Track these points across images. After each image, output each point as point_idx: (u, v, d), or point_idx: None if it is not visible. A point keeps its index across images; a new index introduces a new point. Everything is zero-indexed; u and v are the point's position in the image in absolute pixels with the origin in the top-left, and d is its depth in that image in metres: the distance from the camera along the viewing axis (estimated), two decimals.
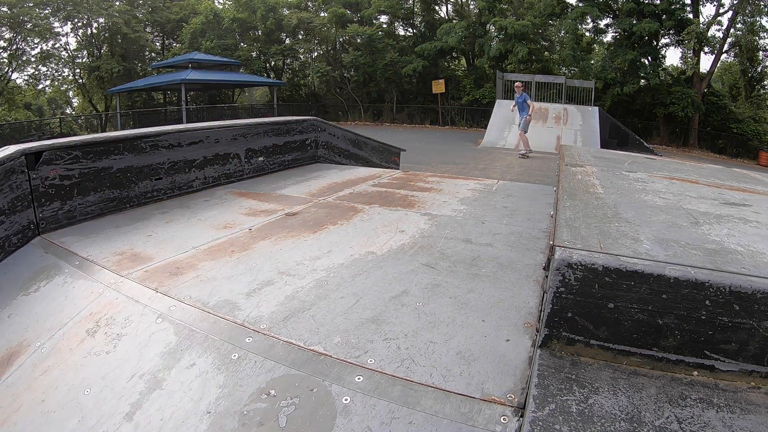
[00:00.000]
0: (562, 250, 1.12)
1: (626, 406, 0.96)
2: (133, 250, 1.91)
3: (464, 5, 28.20)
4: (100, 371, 1.25)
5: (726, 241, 1.28)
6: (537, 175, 9.43)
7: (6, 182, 1.92)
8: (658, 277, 1.03)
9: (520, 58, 23.48)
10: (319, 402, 1.06)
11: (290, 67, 31.49)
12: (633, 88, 21.84)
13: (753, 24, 21.94)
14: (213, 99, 29.26)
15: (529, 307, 1.43)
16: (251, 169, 3.40)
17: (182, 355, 1.25)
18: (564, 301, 1.09)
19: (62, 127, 23.53)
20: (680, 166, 3.08)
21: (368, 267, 1.73)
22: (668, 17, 21.93)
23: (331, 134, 4.47)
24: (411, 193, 2.95)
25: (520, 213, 2.53)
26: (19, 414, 1.19)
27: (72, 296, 1.59)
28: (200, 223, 2.28)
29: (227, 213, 2.45)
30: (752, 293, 0.99)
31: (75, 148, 2.21)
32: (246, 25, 28.10)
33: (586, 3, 23.39)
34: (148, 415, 1.10)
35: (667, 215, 1.54)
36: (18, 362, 1.36)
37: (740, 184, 2.47)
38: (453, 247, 1.93)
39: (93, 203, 2.31)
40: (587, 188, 1.91)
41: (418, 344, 1.23)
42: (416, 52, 25.95)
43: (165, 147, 2.68)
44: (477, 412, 1.01)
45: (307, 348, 1.22)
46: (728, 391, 1.01)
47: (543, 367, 1.07)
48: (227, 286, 1.57)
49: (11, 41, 24.80)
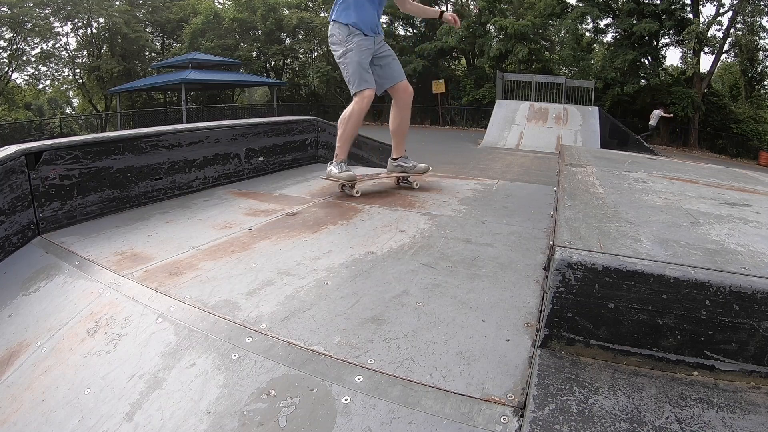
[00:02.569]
0: (562, 250, 1.12)
1: (626, 406, 0.96)
2: (133, 250, 1.91)
3: (464, 5, 28.19)
4: (100, 371, 1.25)
5: (726, 241, 1.28)
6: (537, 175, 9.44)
7: (6, 182, 1.92)
8: (658, 277, 1.03)
9: (520, 58, 23.48)
10: (319, 402, 1.06)
11: (290, 67, 31.50)
12: (633, 88, 21.85)
13: (753, 24, 21.94)
14: (213, 99, 29.27)
15: (529, 307, 1.43)
16: (251, 169, 3.40)
17: (182, 355, 1.25)
18: (564, 301, 1.09)
19: (62, 127, 23.53)
20: (680, 166, 3.08)
21: (368, 267, 1.73)
22: (668, 17, 21.94)
23: (331, 134, 4.46)
24: (411, 193, 2.95)
25: (520, 213, 2.53)
26: (19, 414, 1.19)
27: (72, 296, 1.59)
28: (200, 223, 2.28)
29: (227, 213, 2.46)
30: (752, 293, 0.99)
31: (75, 148, 2.21)
32: (246, 25, 28.10)
33: (586, 3, 23.40)
34: (148, 415, 1.10)
35: (667, 215, 1.54)
36: (18, 362, 1.36)
37: (740, 184, 2.47)
38: (453, 247, 1.93)
39: (93, 203, 2.31)
40: (587, 188, 1.91)
41: (418, 344, 1.23)
42: (416, 52, 25.95)
43: (165, 147, 2.68)
44: (477, 412, 1.01)
45: (307, 348, 1.22)
46: (728, 391, 1.01)
47: (543, 367, 1.07)
48: (227, 286, 1.57)
49: (11, 41, 24.81)
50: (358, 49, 2.77)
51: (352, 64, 2.78)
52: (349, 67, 2.80)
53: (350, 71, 2.80)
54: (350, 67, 2.79)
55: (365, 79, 2.79)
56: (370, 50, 2.84)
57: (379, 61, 2.95)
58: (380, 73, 2.97)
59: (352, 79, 2.80)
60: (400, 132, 3.13)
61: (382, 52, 2.96)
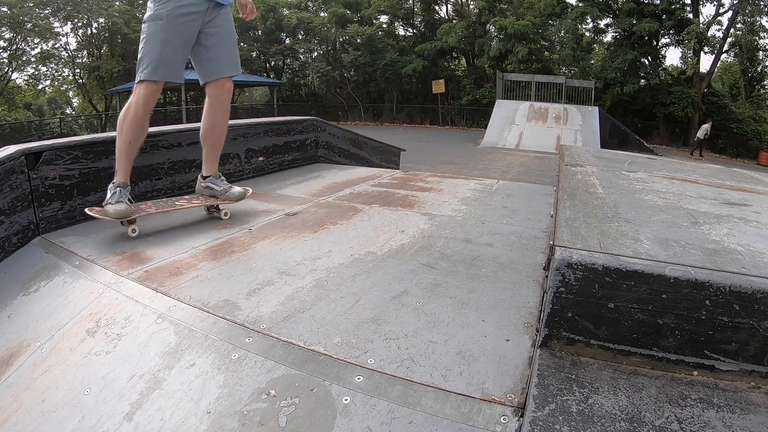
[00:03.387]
0: (562, 250, 1.12)
1: (626, 406, 0.96)
2: (133, 250, 1.91)
3: (464, 5, 28.19)
4: (100, 371, 1.25)
5: (726, 241, 1.28)
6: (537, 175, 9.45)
7: (6, 182, 1.92)
8: (658, 277, 1.03)
9: (520, 58, 23.50)
10: (319, 402, 1.06)
11: (290, 67, 31.51)
12: (633, 88, 21.87)
13: (753, 24, 21.96)
14: None
15: (529, 307, 1.43)
16: (251, 169, 3.40)
17: (182, 355, 1.25)
18: (564, 301, 1.09)
19: (62, 127, 23.53)
20: (680, 166, 3.08)
21: (368, 267, 1.73)
22: (668, 17, 21.95)
23: (331, 134, 4.47)
24: (411, 193, 2.95)
25: (520, 213, 2.53)
26: (19, 414, 1.19)
27: (72, 296, 1.59)
28: (200, 223, 2.28)
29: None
30: (752, 293, 1.00)
31: (75, 148, 2.21)
32: (246, 25, 28.09)
33: (586, 3, 23.41)
34: (148, 415, 1.10)
35: (667, 215, 1.54)
36: (18, 362, 1.36)
37: (740, 184, 2.47)
38: (453, 247, 1.93)
39: (93, 203, 2.31)
40: (587, 188, 1.91)
41: (418, 344, 1.23)
42: (416, 52, 25.97)
43: (165, 147, 2.68)
44: (477, 412, 1.01)
45: (307, 348, 1.22)
46: (728, 391, 1.01)
47: (543, 367, 1.07)
48: (227, 286, 1.57)
49: (11, 41, 24.80)
50: (172, 17, 1.92)
51: (153, 40, 1.94)
52: (146, 42, 1.95)
53: (146, 48, 1.94)
54: (148, 43, 1.94)
55: (163, 64, 1.96)
56: (193, 19, 1.98)
57: (207, 40, 2.08)
58: (205, 56, 2.10)
59: (144, 60, 1.95)
60: (214, 139, 2.32)
61: (216, 25, 2.07)
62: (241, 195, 2.32)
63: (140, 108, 1.99)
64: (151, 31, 1.94)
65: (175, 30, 1.94)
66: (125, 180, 2.03)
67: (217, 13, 2.08)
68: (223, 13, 2.10)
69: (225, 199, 2.31)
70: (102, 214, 1.98)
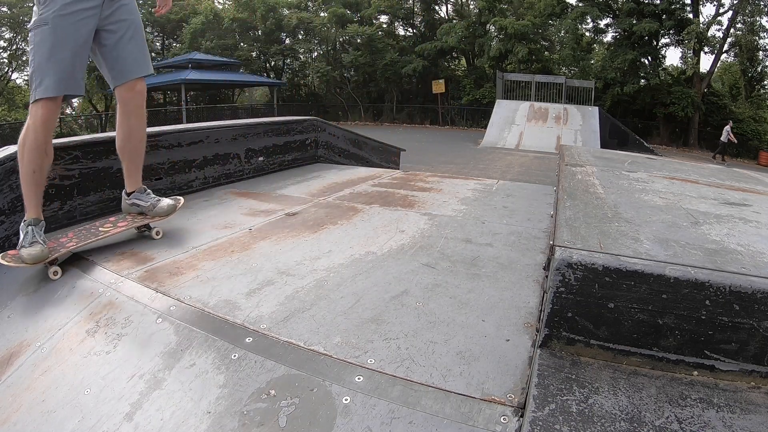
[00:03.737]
0: (562, 250, 1.12)
1: (626, 406, 0.96)
2: (133, 250, 1.91)
3: (464, 5, 28.20)
4: (100, 371, 1.25)
5: (726, 241, 1.28)
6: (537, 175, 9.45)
7: (6, 182, 1.92)
8: (658, 277, 1.04)
9: (520, 58, 23.50)
10: (319, 402, 1.06)
11: (290, 67, 31.53)
12: (633, 88, 21.88)
13: (753, 24, 21.96)
14: (213, 99, 29.26)
15: (529, 307, 1.43)
16: (251, 169, 3.40)
17: (182, 355, 1.25)
18: (564, 301, 1.09)
19: (62, 127, 23.51)
20: (680, 166, 3.08)
21: (368, 267, 1.73)
22: (668, 17, 21.96)
23: (331, 134, 4.47)
24: (411, 193, 2.95)
25: (520, 213, 2.53)
26: (19, 414, 1.19)
27: (72, 296, 1.59)
28: (200, 223, 2.28)
29: (227, 213, 2.45)
30: (752, 293, 1.00)
31: (75, 148, 2.21)
32: (246, 25, 28.12)
33: (586, 3, 23.42)
34: (148, 415, 1.10)
35: (667, 215, 1.54)
36: (18, 362, 1.36)
37: (740, 184, 2.47)
38: (453, 247, 1.93)
39: (93, 203, 2.31)
40: (587, 188, 1.91)
41: (418, 344, 1.23)
42: (416, 52, 25.97)
43: (165, 147, 2.68)
44: (477, 411, 1.01)
45: (307, 348, 1.22)
46: (728, 391, 1.01)
47: (543, 367, 1.07)
48: (227, 286, 1.57)
49: (11, 41, 24.80)
50: (58, 19, 1.63)
51: (41, 50, 1.65)
52: (35, 54, 1.66)
53: (36, 61, 1.66)
54: (37, 54, 1.66)
55: (58, 77, 1.67)
56: (85, 17, 1.68)
57: (108, 38, 1.80)
58: (109, 57, 1.84)
59: (35, 75, 1.67)
60: (132, 150, 2.03)
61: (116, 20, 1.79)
62: (171, 209, 2.08)
63: (39, 131, 1.71)
64: (37, 41, 1.65)
65: (64, 34, 1.65)
66: (37, 215, 1.76)
67: (117, 6, 1.80)
68: (125, 4, 1.83)
69: (154, 215, 2.07)
70: (15, 261, 1.67)
